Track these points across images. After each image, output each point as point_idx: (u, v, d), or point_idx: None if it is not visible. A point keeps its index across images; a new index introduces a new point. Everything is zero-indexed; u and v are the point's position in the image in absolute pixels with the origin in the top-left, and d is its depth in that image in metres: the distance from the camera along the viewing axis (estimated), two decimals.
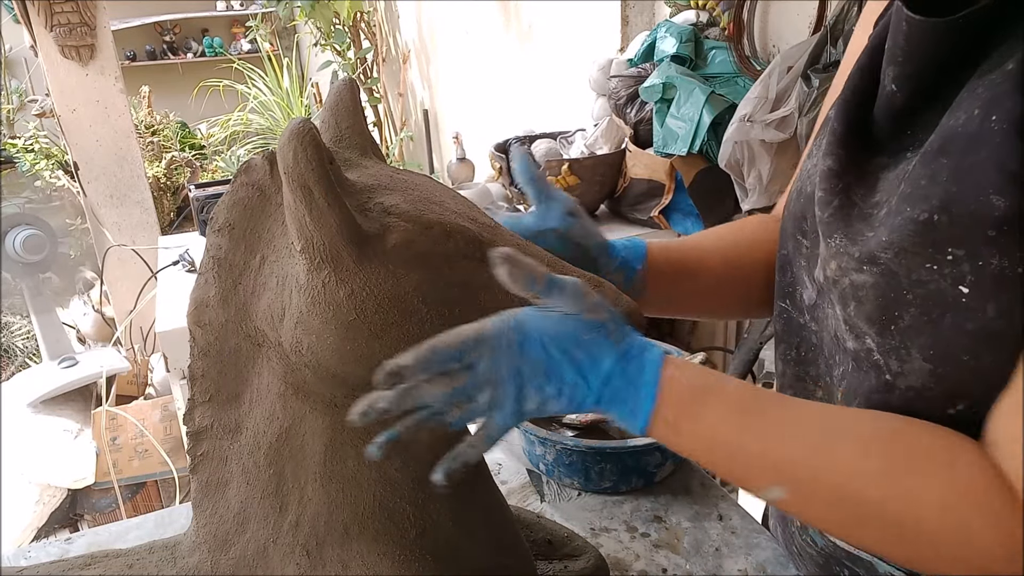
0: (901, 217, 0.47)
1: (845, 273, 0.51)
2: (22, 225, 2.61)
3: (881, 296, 0.48)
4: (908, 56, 0.50)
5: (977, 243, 0.43)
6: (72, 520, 2.35)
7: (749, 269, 0.71)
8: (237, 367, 0.57)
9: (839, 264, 0.51)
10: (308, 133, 0.44)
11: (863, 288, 0.49)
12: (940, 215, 0.44)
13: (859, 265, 0.49)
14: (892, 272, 0.47)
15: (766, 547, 0.81)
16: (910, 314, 0.47)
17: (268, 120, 5.02)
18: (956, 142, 0.45)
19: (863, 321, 0.50)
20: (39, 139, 3.86)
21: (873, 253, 0.48)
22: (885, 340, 0.49)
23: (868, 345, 0.51)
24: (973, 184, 0.43)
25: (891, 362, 0.49)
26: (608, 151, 2.04)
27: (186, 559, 0.62)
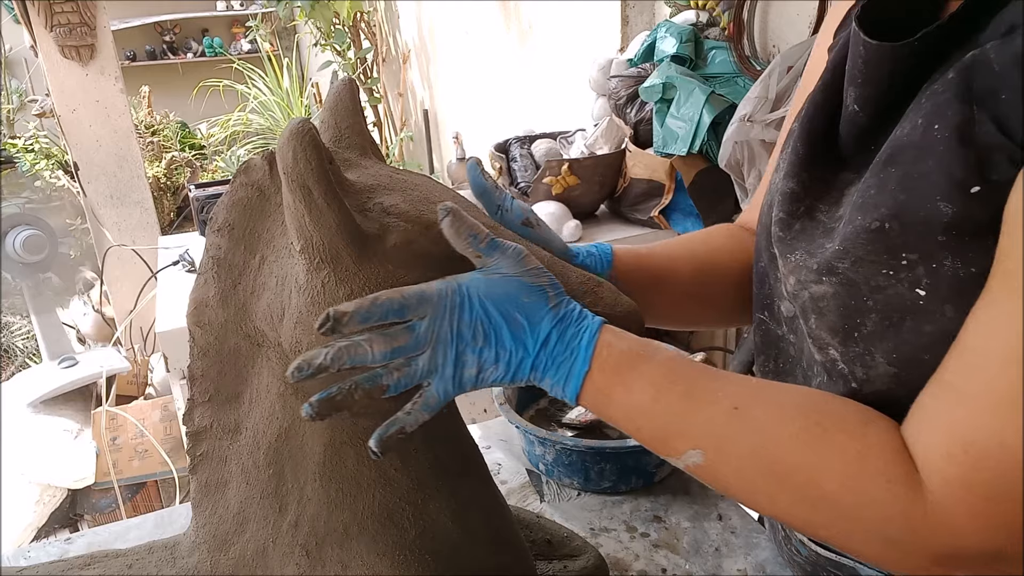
0: (853, 226, 0.48)
1: (804, 286, 0.52)
2: (22, 225, 2.61)
3: (842, 306, 0.49)
4: (867, 78, 0.51)
5: (930, 247, 0.44)
6: (72, 520, 2.35)
7: (718, 277, 0.71)
8: (237, 367, 0.57)
9: (797, 278, 0.52)
10: (308, 133, 0.44)
11: (823, 299, 0.50)
12: (891, 223, 0.46)
13: (818, 277, 0.50)
14: (851, 281, 0.48)
15: (766, 547, 0.81)
16: (872, 320, 0.48)
17: (268, 120, 5.02)
18: (904, 152, 0.46)
19: (826, 332, 0.51)
20: (39, 139, 3.86)
21: (830, 263, 0.49)
22: (848, 349, 0.50)
23: (832, 356, 0.51)
24: (921, 192, 0.44)
25: (856, 370, 0.50)
26: (608, 151, 2.04)
27: (186, 559, 0.62)
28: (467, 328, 0.48)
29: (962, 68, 0.44)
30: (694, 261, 0.71)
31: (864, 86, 0.52)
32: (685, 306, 0.72)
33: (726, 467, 0.48)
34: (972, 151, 0.43)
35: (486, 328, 0.48)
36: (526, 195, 2.02)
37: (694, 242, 0.74)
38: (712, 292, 0.71)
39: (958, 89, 0.44)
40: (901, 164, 0.46)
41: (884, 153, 0.48)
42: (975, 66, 0.44)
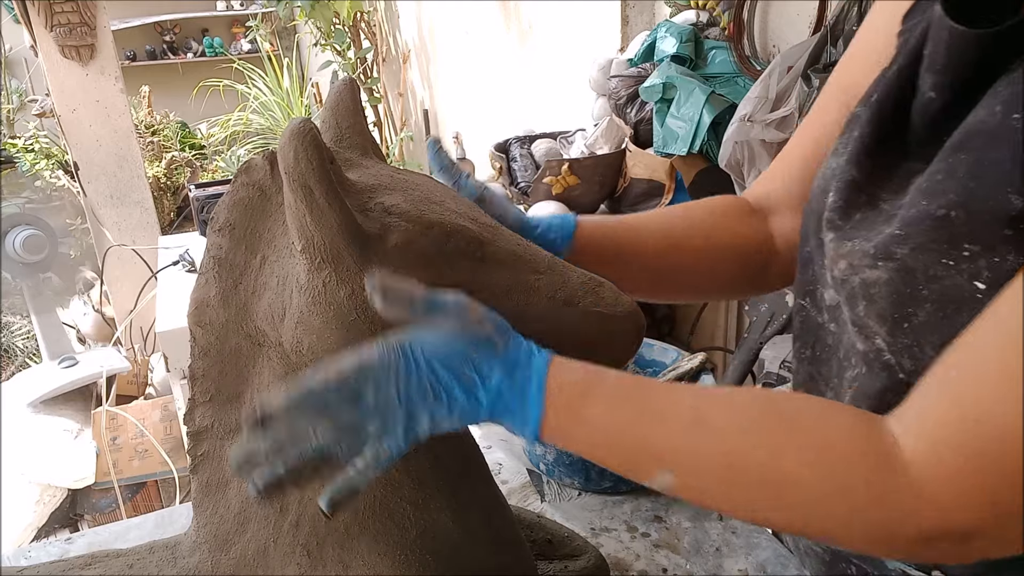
0: (916, 210, 0.46)
1: (856, 271, 0.50)
2: (22, 225, 2.61)
3: (895, 292, 0.47)
4: (948, 65, 0.50)
5: (994, 239, 0.43)
6: (72, 520, 2.35)
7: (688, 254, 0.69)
8: (238, 367, 0.57)
9: (849, 262, 0.50)
10: (309, 133, 0.44)
11: (876, 285, 0.49)
12: (957, 211, 0.44)
13: (873, 261, 0.48)
14: (908, 267, 0.46)
15: (766, 547, 0.81)
16: (925, 310, 0.46)
17: (268, 120, 5.02)
18: (976, 138, 0.45)
19: (874, 320, 0.49)
20: (39, 139, 3.86)
21: (888, 247, 0.47)
22: (896, 339, 0.48)
23: (878, 345, 0.50)
24: (992, 181, 0.43)
25: (904, 360, 0.48)
26: (608, 151, 2.04)
27: (186, 559, 0.62)
28: (416, 391, 0.46)
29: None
30: (666, 237, 0.69)
31: (944, 73, 0.50)
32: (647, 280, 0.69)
33: (698, 481, 0.47)
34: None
35: (435, 388, 0.46)
36: (526, 195, 2.02)
37: (673, 216, 0.72)
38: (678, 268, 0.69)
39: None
40: (972, 150, 0.45)
41: (955, 138, 0.46)
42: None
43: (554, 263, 0.54)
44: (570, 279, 0.54)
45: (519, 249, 0.53)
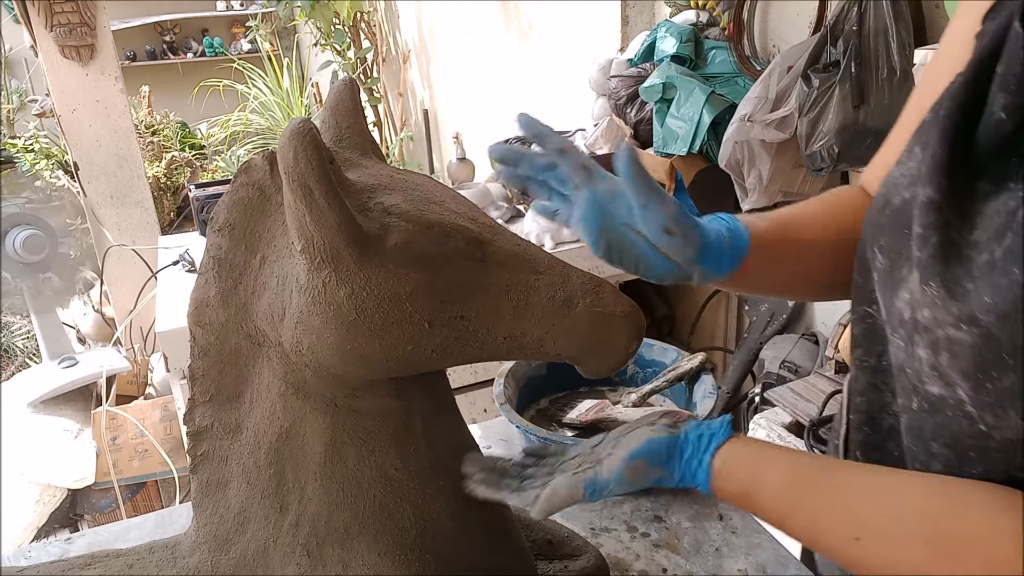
0: (1008, 279, 0.44)
1: (940, 325, 0.48)
2: (22, 225, 2.61)
3: (978, 356, 0.46)
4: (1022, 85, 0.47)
5: None
6: (72, 520, 2.35)
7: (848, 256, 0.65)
8: (237, 367, 0.57)
9: (934, 315, 0.48)
10: (308, 133, 0.44)
11: (959, 344, 0.47)
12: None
13: (957, 322, 0.47)
14: (993, 336, 0.45)
15: (766, 547, 0.81)
16: (1008, 377, 0.45)
17: (268, 120, 5.02)
18: None
19: (956, 373, 0.48)
20: (39, 139, 3.86)
21: (974, 314, 0.45)
22: (979, 396, 0.47)
23: (960, 396, 0.48)
24: None
25: (986, 416, 0.47)
26: (608, 151, 2.04)
27: (186, 559, 0.62)
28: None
29: None
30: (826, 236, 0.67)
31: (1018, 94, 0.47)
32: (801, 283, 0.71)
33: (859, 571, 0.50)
34: None
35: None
36: (526, 195, 2.02)
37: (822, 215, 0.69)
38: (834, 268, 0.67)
39: None
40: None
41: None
42: None
43: (554, 263, 0.54)
44: (570, 279, 0.54)
45: (519, 249, 0.53)
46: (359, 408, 0.55)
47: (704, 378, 0.98)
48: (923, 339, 0.50)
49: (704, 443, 0.55)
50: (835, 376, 1.59)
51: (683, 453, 0.55)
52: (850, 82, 1.46)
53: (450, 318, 0.50)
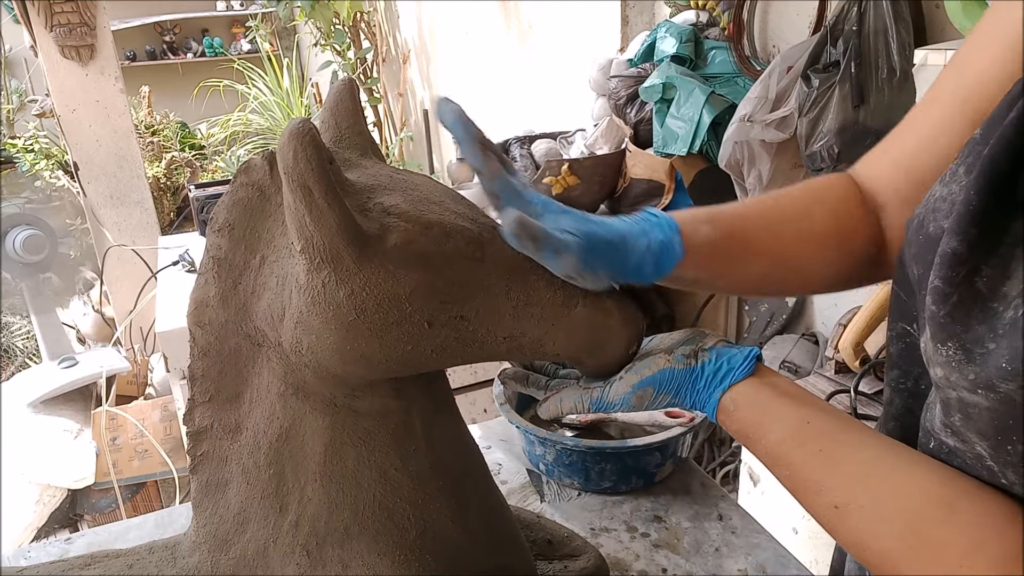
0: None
1: (954, 387, 0.45)
2: (22, 225, 2.61)
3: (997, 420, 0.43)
4: None
5: None
6: (72, 520, 2.35)
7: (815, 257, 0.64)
8: (237, 367, 0.57)
9: (947, 376, 0.45)
10: (308, 133, 0.44)
11: (975, 407, 0.44)
12: None
13: (972, 388, 0.43)
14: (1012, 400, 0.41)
15: (766, 547, 0.81)
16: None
17: (268, 120, 5.02)
18: None
19: (973, 434, 0.45)
20: (39, 139, 3.86)
21: (991, 381, 0.41)
22: (999, 454, 0.44)
23: (979, 452, 0.46)
24: None
25: (1007, 472, 0.44)
26: (608, 151, 2.04)
27: (186, 559, 0.62)
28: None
29: None
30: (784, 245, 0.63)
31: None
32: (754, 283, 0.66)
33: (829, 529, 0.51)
34: None
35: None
36: None
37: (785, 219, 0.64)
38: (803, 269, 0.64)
39: None
40: None
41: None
42: None
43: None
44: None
45: None
46: (359, 408, 0.55)
47: None
48: (938, 396, 0.48)
49: (719, 378, 0.55)
50: (835, 376, 1.59)
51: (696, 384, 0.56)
52: (850, 82, 1.46)
53: (450, 318, 0.50)
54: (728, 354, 0.55)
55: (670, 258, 0.56)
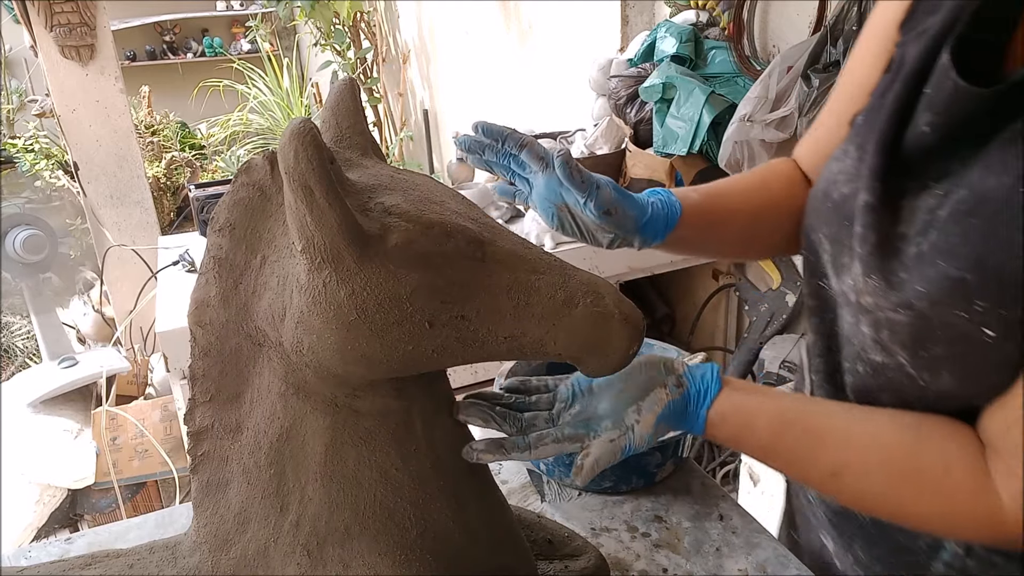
0: (935, 270, 0.52)
1: (880, 309, 0.57)
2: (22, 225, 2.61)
3: (914, 331, 0.55)
4: (947, 110, 0.55)
5: (1004, 297, 0.49)
6: (72, 520, 2.35)
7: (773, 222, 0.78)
8: (238, 367, 0.57)
9: (875, 301, 0.57)
10: (309, 133, 0.44)
11: (897, 324, 0.56)
12: (971, 274, 0.50)
13: (894, 307, 0.55)
14: (925, 316, 0.53)
15: (766, 547, 0.81)
16: (940, 347, 0.54)
17: (268, 120, 5.02)
18: (988, 204, 0.50)
19: (896, 345, 0.57)
20: (39, 139, 3.86)
21: (909, 301, 0.54)
22: (917, 360, 0.56)
23: (900, 360, 0.58)
24: (1002, 247, 0.49)
25: (923, 375, 0.56)
26: (608, 151, 2.04)
27: (187, 559, 0.62)
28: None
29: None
30: (751, 207, 0.79)
31: (942, 116, 0.55)
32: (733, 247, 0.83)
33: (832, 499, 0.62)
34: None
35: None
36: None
37: (751, 188, 0.80)
38: (766, 234, 0.79)
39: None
40: (985, 218, 0.50)
41: (968, 201, 0.52)
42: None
43: (554, 263, 0.54)
44: (571, 279, 0.54)
45: (519, 249, 0.53)
46: (359, 408, 0.55)
47: None
48: (866, 319, 0.60)
49: (701, 398, 0.61)
50: None
51: (688, 408, 0.61)
52: None
53: (451, 318, 0.50)
54: (700, 371, 0.63)
55: (674, 212, 0.72)
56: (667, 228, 0.73)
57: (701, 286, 2.24)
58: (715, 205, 0.77)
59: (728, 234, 0.79)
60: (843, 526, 0.73)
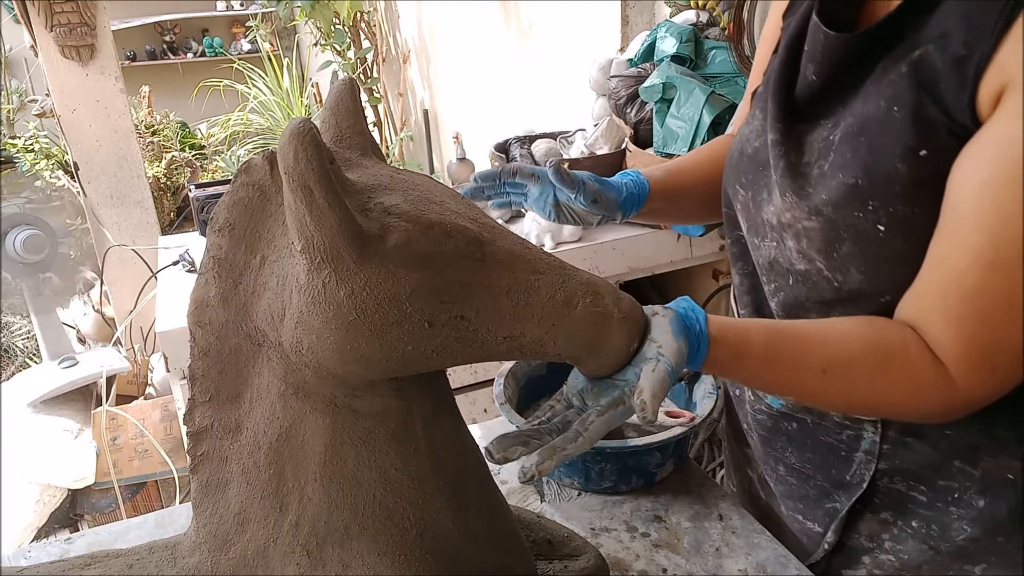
0: (835, 182, 0.65)
1: (798, 220, 0.69)
2: (22, 225, 2.61)
3: (824, 235, 0.67)
4: (824, 57, 0.69)
5: (889, 196, 0.62)
6: (72, 520, 2.35)
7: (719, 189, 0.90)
8: (237, 367, 0.57)
9: (793, 214, 0.70)
10: (308, 133, 0.44)
11: (812, 231, 0.68)
12: (863, 179, 0.63)
13: (808, 215, 0.68)
14: (832, 220, 0.66)
15: (766, 547, 0.81)
16: (846, 246, 0.66)
17: (268, 120, 5.02)
18: (869, 124, 0.63)
19: (813, 251, 0.69)
20: (39, 139, 3.86)
21: (818, 208, 0.67)
22: (830, 262, 0.68)
23: (818, 266, 0.69)
24: (885, 157, 0.61)
25: (837, 276, 0.68)
26: (608, 151, 2.04)
27: (186, 559, 0.62)
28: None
29: (913, 64, 0.60)
30: (706, 178, 0.93)
31: (821, 63, 0.69)
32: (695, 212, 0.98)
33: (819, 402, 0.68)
34: (921, 125, 0.59)
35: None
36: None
37: (703, 162, 0.95)
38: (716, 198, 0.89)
39: (911, 82, 0.60)
40: (869, 135, 0.63)
41: (855, 125, 0.64)
42: (922, 63, 0.60)
43: (554, 263, 0.54)
44: (570, 279, 0.54)
45: (519, 249, 0.53)
46: (359, 408, 0.55)
47: (704, 378, 0.98)
48: (789, 233, 0.71)
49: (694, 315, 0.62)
50: None
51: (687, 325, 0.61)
52: None
53: (450, 318, 0.50)
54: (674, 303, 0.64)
55: (644, 189, 0.89)
56: (640, 203, 0.89)
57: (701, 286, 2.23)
58: (676, 180, 0.93)
59: (689, 202, 0.95)
60: (774, 441, 0.84)
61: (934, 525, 0.72)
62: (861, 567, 0.78)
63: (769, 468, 0.87)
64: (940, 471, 0.71)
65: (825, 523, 0.80)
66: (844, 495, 0.77)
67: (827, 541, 0.79)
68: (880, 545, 0.76)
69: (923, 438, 0.72)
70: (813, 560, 0.82)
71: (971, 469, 0.70)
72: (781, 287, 0.75)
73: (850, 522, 0.78)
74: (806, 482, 0.81)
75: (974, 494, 0.70)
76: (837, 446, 0.77)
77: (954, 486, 0.71)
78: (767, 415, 0.84)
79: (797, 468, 0.82)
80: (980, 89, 0.56)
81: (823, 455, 0.78)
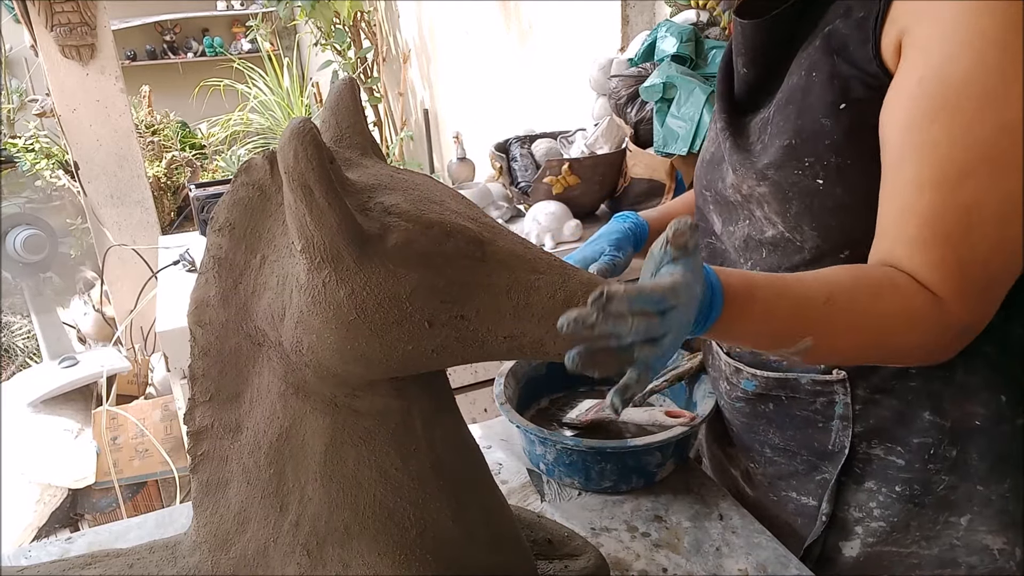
0: (773, 147, 0.72)
1: (752, 189, 0.75)
2: (22, 225, 2.61)
3: (776, 196, 0.73)
4: (747, 48, 0.77)
5: (820, 150, 0.69)
6: (72, 520, 2.35)
7: None
8: (238, 367, 0.58)
9: (747, 183, 0.76)
10: (308, 132, 0.44)
11: (765, 195, 0.74)
12: (795, 139, 0.70)
13: (758, 181, 0.74)
14: (778, 182, 0.72)
15: (766, 547, 0.81)
16: (795, 205, 0.72)
17: (268, 120, 5.01)
18: (795, 93, 0.71)
19: (773, 214, 0.75)
20: (39, 139, 3.86)
21: (763, 172, 0.73)
22: (787, 223, 0.74)
23: (780, 229, 0.75)
24: (811, 116, 0.69)
25: (796, 236, 0.74)
26: (608, 151, 2.04)
27: (187, 559, 0.62)
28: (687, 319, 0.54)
29: (824, 36, 0.68)
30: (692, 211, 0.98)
31: (746, 54, 0.78)
32: None
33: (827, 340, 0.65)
34: (838, 82, 0.67)
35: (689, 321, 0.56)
36: (526, 195, 2.02)
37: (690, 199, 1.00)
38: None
39: (824, 49, 0.68)
40: (795, 102, 0.71)
41: (783, 96, 0.72)
42: (833, 34, 0.68)
43: (554, 263, 0.54)
44: (570, 279, 0.54)
45: (519, 249, 0.53)
46: (359, 408, 0.55)
47: (704, 378, 0.98)
48: (754, 203, 0.77)
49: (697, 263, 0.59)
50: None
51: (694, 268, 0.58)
52: None
53: (450, 318, 0.50)
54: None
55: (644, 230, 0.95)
56: (641, 242, 0.93)
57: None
58: (666, 217, 0.97)
59: None
60: (754, 425, 0.86)
61: (916, 485, 0.76)
62: (855, 537, 0.81)
63: (755, 454, 0.89)
64: (912, 427, 0.75)
65: (819, 495, 0.82)
66: (830, 464, 0.80)
67: (823, 513, 0.81)
68: (870, 514, 0.79)
69: (890, 392, 0.75)
70: (812, 539, 0.83)
71: (941, 420, 0.74)
72: (757, 262, 0.79)
73: (840, 495, 0.81)
74: (793, 459, 0.84)
75: (947, 446, 0.74)
76: (813, 418, 0.80)
77: (928, 442, 0.74)
78: (744, 400, 0.86)
79: (781, 447, 0.85)
80: (882, 41, 0.64)
81: (802, 429, 0.82)
